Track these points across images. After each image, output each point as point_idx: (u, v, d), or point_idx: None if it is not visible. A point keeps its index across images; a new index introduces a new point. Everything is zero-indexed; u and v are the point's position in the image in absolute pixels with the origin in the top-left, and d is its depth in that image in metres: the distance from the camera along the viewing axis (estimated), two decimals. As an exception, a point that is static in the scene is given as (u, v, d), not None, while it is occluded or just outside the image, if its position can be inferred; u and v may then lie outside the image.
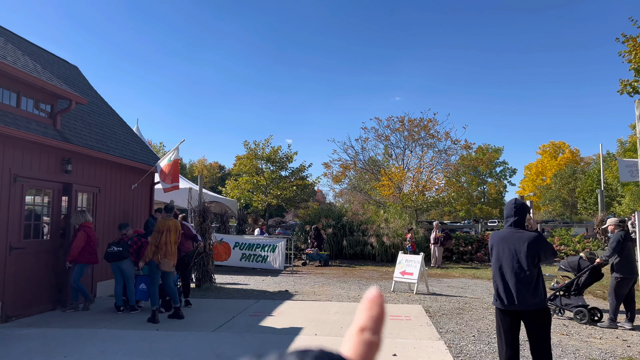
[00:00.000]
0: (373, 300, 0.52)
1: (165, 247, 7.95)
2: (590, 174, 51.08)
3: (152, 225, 9.66)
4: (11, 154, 7.83)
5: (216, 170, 71.72)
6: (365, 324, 0.50)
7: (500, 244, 4.51)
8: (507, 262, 4.41)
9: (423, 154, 29.42)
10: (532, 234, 4.44)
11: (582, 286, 8.43)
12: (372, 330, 0.50)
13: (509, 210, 4.60)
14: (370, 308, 0.51)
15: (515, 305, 4.34)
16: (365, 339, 0.49)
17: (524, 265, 4.33)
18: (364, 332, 0.50)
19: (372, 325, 0.50)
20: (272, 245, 15.81)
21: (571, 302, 8.39)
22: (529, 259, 4.33)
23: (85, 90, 12.70)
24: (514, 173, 73.35)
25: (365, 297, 0.53)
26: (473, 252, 19.65)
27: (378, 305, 0.51)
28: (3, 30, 11.27)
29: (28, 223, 8.23)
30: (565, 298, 8.46)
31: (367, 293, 0.53)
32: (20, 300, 7.91)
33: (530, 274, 4.31)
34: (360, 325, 0.50)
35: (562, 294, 8.49)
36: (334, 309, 8.97)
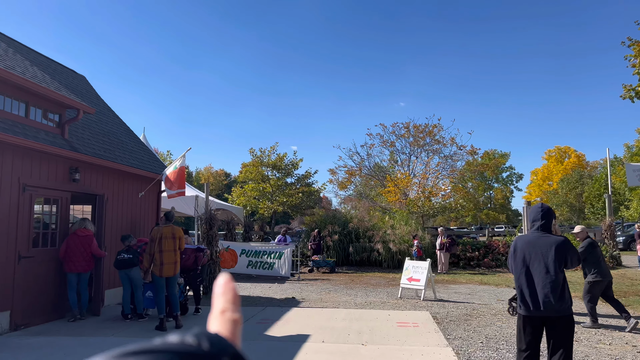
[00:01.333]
0: (225, 285, 0.60)
1: (160, 255, 7.92)
2: (597, 179, 50.79)
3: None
4: (20, 163, 7.91)
5: (222, 178, 71.91)
6: (225, 306, 0.58)
7: (527, 248, 4.42)
8: (534, 267, 4.34)
9: (429, 159, 29.38)
10: (560, 238, 4.37)
11: None
12: (231, 310, 0.58)
13: (536, 214, 4.52)
14: (225, 292, 0.60)
15: (541, 311, 4.25)
16: (229, 318, 0.57)
17: (551, 270, 4.26)
18: (225, 312, 0.58)
19: (230, 306, 0.58)
20: (278, 253, 15.81)
21: None
22: (556, 264, 4.26)
23: (92, 100, 12.82)
24: (521, 178, 73.12)
25: (218, 284, 0.61)
26: (480, 258, 19.56)
27: (230, 289, 0.60)
28: (11, 41, 11.41)
29: (37, 232, 8.30)
30: None
31: (219, 281, 0.62)
32: (28, 308, 7.95)
33: (557, 279, 4.25)
34: (221, 308, 0.58)
35: None
36: (340, 315, 8.95)
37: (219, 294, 0.60)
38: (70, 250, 8.54)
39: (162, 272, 7.89)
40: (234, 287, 0.61)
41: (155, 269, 7.91)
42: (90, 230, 8.88)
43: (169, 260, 7.94)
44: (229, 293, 0.59)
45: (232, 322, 0.57)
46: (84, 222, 8.92)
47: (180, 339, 0.49)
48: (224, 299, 0.59)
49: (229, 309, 0.58)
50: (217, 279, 0.61)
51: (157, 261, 7.90)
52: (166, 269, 7.91)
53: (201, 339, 0.49)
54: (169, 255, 7.94)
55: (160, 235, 7.98)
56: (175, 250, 8.04)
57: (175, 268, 8.02)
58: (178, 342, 0.48)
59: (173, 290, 8.12)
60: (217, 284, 0.61)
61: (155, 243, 7.95)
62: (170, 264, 7.95)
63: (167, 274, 7.92)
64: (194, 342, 0.48)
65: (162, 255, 7.90)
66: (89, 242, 8.72)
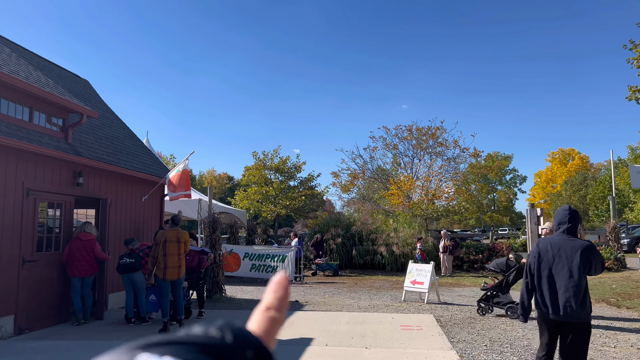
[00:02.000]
0: (279, 283, 0.58)
1: (164, 258, 7.93)
2: (601, 181, 50.61)
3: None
4: (24, 167, 7.94)
5: (225, 181, 72.00)
6: (271, 304, 0.56)
7: (551, 251, 4.35)
8: (557, 270, 4.28)
9: (432, 162, 29.34)
10: (586, 242, 4.31)
11: (510, 284, 9.40)
12: (276, 308, 0.56)
13: (562, 216, 4.42)
14: (276, 290, 0.57)
15: (560, 316, 4.20)
16: (270, 316, 0.56)
17: (575, 275, 4.19)
18: (270, 310, 0.56)
19: (277, 304, 0.56)
20: (281, 256, 15.81)
21: (502, 299, 9.28)
22: (580, 269, 4.19)
23: (96, 104, 12.87)
24: (524, 180, 72.92)
25: (272, 280, 0.59)
26: (484, 261, 19.50)
27: (283, 287, 0.58)
28: (15, 46, 11.47)
29: (40, 236, 8.32)
30: (496, 296, 9.32)
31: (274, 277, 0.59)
32: (33, 312, 7.97)
33: (580, 284, 4.18)
34: (267, 304, 0.56)
35: (494, 293, 9.35)
36: (344, 319, 8.93)
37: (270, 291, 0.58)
38: (73, 254, 8.55)
39: (166, 275, 7.90)
40: (287, 286, 0.59)
41: (159, 272, 7.92)
42: (92, 234, 8.88)
43: (173, 264, 7.94)
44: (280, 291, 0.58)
45: (272, 321, 0.56)
46: (85, 225, 8.94)
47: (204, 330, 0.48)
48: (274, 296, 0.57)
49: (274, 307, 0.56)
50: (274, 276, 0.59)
51: (161, 264, 7.91)
52: (170, 272, 7.91)
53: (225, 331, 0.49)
54: (172, 259, 7.94)
55: (165, 238, 7.99)
56: (179, 254, 8.03)
57: (179, 272, 8.02)
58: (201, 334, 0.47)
59: (178, 294, 8.13)
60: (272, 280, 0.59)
61: (159, 246, 7.97)
62: (174, 268, 7.95)
63: (171, 277, 7.92)
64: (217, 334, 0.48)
65: (166, 258, 7.91)
66: (91, 246, 8.73)
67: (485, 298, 9.46)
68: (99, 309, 9.15)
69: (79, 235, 8.72)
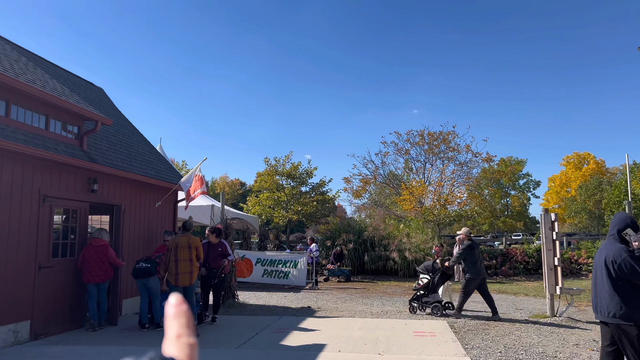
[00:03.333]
0: (177, 308, 0.61)
1: (176, 264, 7.98)
2: (617, 185, 49.90)
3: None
4: (40, 174, 8.06)
5: (237, 187, 72.31)
6: (179, 331, 0.59)
7: (597, 254, 4.58)
8: (596, 273, 4.49)
9: (444, 167, 29.18)
10: (620, 246, 4.36)
11: (436, 285, 10.34)
12: (187, 334, 0.59)
13: (613, 221, 4.60)
14: (177, 317, 0.60)
15: (597, 315, 4.47)
16: (184, 342, 0.58)
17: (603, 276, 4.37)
18: (181, 337, 0.59)
19: (185, 330, 0.59)
20: (293, 261, 15.82)
21: (429, 299, 10.25)
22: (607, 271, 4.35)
23: (110, 112, 13.02)
24: (538, 185, 72.21)
25: (169, 306, 0.62)
26: (497, 267, 19.33)
27: (182, 312, 0.61)
28: (31, 55, 11.67)
29: (56, 242, 8.42)
30: (425, 296, 10.27)
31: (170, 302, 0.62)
32: (48, 318, 8.06)
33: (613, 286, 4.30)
34: (176, 333, 0.59)
35: (423, 293, 10.29)
36: (357, 325, 8.90)
37: (171, 317, 0.60)
38: (86, 260, 8.64)
39: (178, 281, 7.95)
40: (186, 310, 0.61)
41: (171, 278, 7.98)
42: (104, 240, 8.95)
43: (185, 269, 7.98)
44: (182, 317, 0.60)
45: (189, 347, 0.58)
46: (98, 232, 9.03)
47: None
48: (178, 324, 0.60)
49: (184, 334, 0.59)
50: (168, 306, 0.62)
51: (173, 270, 7.96)
52: (182, 278, 7.96)
53: None
54: (184, 265, 7.99)
55: (176, 244, 8.05)
56: (191, 260, 8.07)
57: (191, 278, 8.05)
58: None
59: (191, 300, 8.17)
60: (169, 305, 0.61)
61: (171, 252, 8.03)
62: (186, 274, 7.99)
63: (182, 283, 7.96)
64: None
65: (178, 264, 7.96)
66: (104, 251, 8.79)
67: (415, 297, 10.45)
68: (113, 314, 9.22)
69: (92, 242, 8.81)
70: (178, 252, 8.01)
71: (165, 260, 8.11)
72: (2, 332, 7.23)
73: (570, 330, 8.24)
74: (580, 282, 16.51)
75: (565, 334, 8.00)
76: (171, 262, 7.99)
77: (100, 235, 8.95)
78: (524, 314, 10.23)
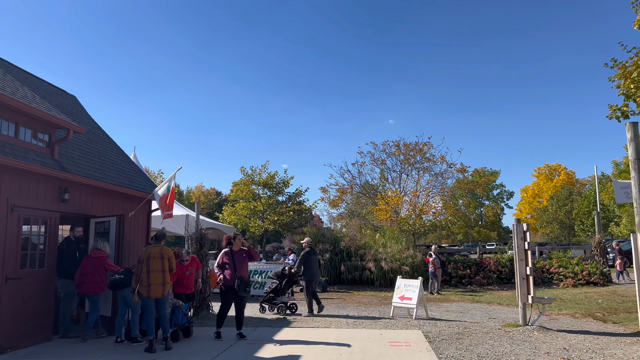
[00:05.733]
0: None
1: (148, 275, 7.82)
2: (586, 196, 51.21)
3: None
4: (9, 183, 7.85)
5: (213, 197, 71.68)
6: None
7: None
8: None
9: (419, 177, 29.55)
10: None
11: (284, 288, 12.17)
12: None
13: None
14: None
15: None
16: None
17: None
18: None
19: None
20: (268, 272, 15.71)
21: (277, 300, 11.96)
22: None
23: (83, 119, 12.80)
24: (511, 196, 73.66)
25: None
26: (472, 276, 19.56)
27: None
28: (2, 62, 11.41)
29: (24, 253, 8.19)
30: (274, 298, 11.96)
31: None
32: (16, 331, 7.81)
33: None
34: None
35: (272, 296, 12.00)
36: (332, 335, 8.88)
37: None
38: (83, 271, 8.67)
39: (150, 292, 7.79)
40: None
41: (143, 289, 7.80)
42: (103, 250, 8.91)
43: (157, 281, 7.83)
44: None
45: None
46: (97, 243, 8.99)
47: None
48: None
49: None
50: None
51: (145, 282, 7.80)
52: (154, 289, 7.81)
53: None
54: (156, 276, 7.84)
55: (148, 255, 7.91)
56: (163, 270, 7.93)
57: (163, 289, 7.90)
58: None
59: (163, 312, 8.01)
60: None
61: (142, 263, 7.88)
62: (158, 285, 7.84)
63: (155, 294, 7.81)
64: None
65: (150, 275, 7.81)
66: (102, 263, 8.76)
67: (267, 299, 12.09)
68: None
69: (91, 253, 8.83)
70: (150, 263, 7.87)
71: (136, 272, 7.95)
72: (-34, 346, 6.97)
73: (541, 339, 8.38)
74: (552, 291, 16.83)
75: (537, 342, 8.13)
76: (143, 273, 7.84)
77: (101, 246, 8.90)
78: (497, 323, 10.37)
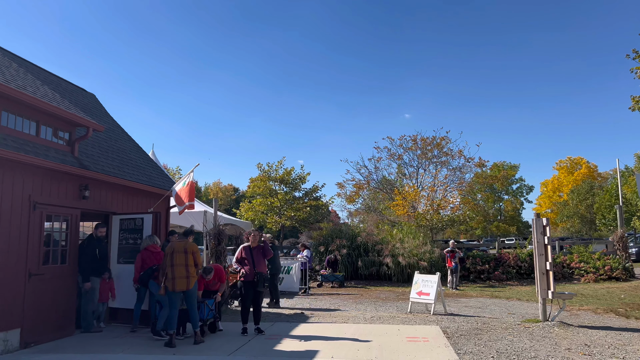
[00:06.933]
0: None
1: (172, 269, 8.02)
2: (608, 190, 50.23)
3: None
4: (31, 181, 8.01)
5: (231, 193, 72.19)
6: None
7: None
8: None
9: (437, 172, 29.32)
10: None
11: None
12: None
13: None
14: None
15: None
16: None
17: None
18: None
19: None
20: (287, 267, 15.78)
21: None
22: None
23: (102, 118, 12.98)
24: (531, 190, 72.57)
25: None
26: (490, 271, 19.38)
27: None
28: (23, 61, 11.62)
29: (47, 249, 8.35)
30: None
31: None
32: (39, 326, 7.99)
33: None
34: None
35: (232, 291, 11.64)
36: (350, 330, 8.89)
37: None
38: (146, 265, 8.95)
39: (175, 286, 7.96)
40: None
41: (168, 283, 8.01)
42: (159, 246, 9.33)
43: (180, 274, 8.00)
44: None
45: None
46: (153, 238, 9.34)
47: None
48: None
49: None
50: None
51: (169, 275, 8.02)
52: (178, 282, 7.99)
53: None
54: (179, 270, 8.02)
55: (172, 249, 8.16)
56: (187, 265, 8.09)
57: (188, 282, 8.04)
58: None
59: (192, 305, 8.12)
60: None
61: (167, 257, 8.13)
62: (182, 278, 8.00)
63: (180, 287, 7.98)
64: None
65: (174, 269, 8.02)
66: (160, 258, 9.00)
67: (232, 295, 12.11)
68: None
69: (149, 247, 9.15)
70: (174, 257, 8.09)
71: (162, 266, 8.26)
72: (-8, 340, 7.15)
73: (562, 335, 8.27)
74: (573, 287, 16.59)
75: (557, 338, 8.02)
76: (168, 267, 8.07)
77: (155, 241, 9.31)
78: (517, 318, 10.26)
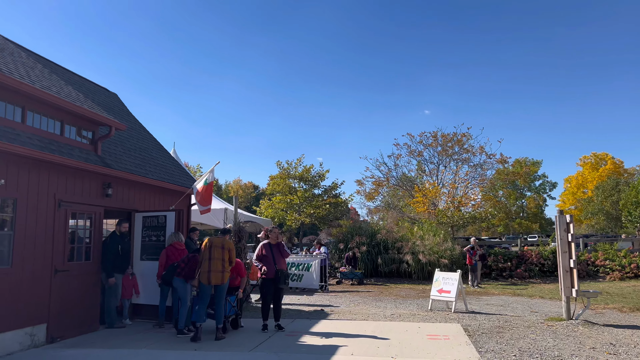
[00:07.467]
0: None
1: (209, 262, 8.17)
2: (634, 186, 49.05)
3: (189, 246, 9.87)
4: (55, 180, 8.18)
5: (250, 190, 72.60)
6: None
7: None
8: None
9: (457, 169, 29.03)
10: None
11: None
12: None
13: None
14: None
15: None
16: None
17: None
18: None
19: None
20: (307, 264, 15.83)
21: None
22: None
23: (124, 117, 13.17)
24: (554, 187, 71.29)
25: None
26: (512, 269, 19.14)
27: None
28: (47, 62, 11.86)
29: (72, 246, 8.53)
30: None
31: None
32: (64, 321, 8.16)
33: None
34: None
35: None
36: (370, 328, 8.87)
37: None
38: (170, 261, 9.12)
39: (210, 279, 8.10)
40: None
41: (203, 276, 8.14)
42: (182, 243, 9.52)
43: (217, 268, 8.15)
44: None
45: None
46: (177, 235, 9.52)
47: None
48: None
49: None
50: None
51: (205, 268, 8.15)
52: (214, 276, 8.12)
53: None
54: (216, 264, 8.17)
55: (211, 244, 8.33)
56: (223, 259, 8.23)
57: (223, 276, 8.15)
58: None
59: (220, 301, 8.20)
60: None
61: (205, 251, 8.29)
62: (218, 272, 8.14)
63: (215, 281, 8.11)
64: None
65: (211, 262, 8.17)
66: (184, 255, 9.14)
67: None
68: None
69: (174, 244, 9.34)
70: (212, 251, 8.25)
71: (199, 260, 8.38)
72: (19, 335, 7.34)
73: (586, 333, 8.12)
74: (598, 285, 16.27)
75: (581, 337, 7.88)
76: (204, 261, 8.23)
77: (180, 238, 9.49)
78: (540, 316, 10.11)
